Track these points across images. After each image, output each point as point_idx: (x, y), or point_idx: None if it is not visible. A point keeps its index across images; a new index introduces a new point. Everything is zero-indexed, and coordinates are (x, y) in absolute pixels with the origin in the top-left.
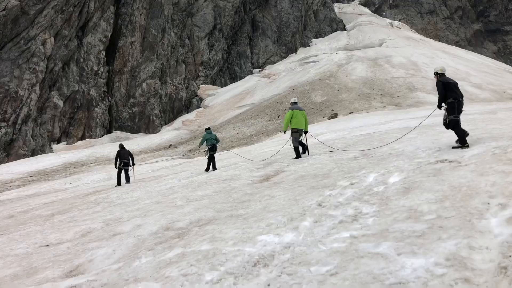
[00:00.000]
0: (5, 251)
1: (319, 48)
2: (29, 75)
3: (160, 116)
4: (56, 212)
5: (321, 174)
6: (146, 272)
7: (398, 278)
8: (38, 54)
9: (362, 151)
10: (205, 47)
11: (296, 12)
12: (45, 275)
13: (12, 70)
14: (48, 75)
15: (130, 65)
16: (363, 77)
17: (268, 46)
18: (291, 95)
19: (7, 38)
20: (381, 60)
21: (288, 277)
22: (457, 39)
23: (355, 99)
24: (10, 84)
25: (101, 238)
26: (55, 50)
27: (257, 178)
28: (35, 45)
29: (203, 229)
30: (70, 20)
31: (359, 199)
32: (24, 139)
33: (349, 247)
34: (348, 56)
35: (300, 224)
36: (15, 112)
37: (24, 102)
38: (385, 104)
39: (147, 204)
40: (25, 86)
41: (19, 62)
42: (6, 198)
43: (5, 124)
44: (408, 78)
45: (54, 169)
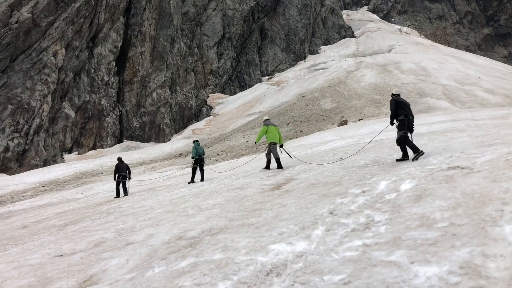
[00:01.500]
0: (19, 261)
1: (328, 55)
2: (41, 86)
3: (170, 125)
4: (69, 222)
5: (332, 182)
6: (160, 282)
7: (412, 287)
8: (50, 65)
9: (341, 162)
10: (214, 56)
11: (305, 20)
12: (60, 286)
13: (24, 82)
14: (59, 86)
15: (140, 75)
16: (373, 83)
17: (277, 54)
18: (300, 102)
19: (19, 50)
20: (391, 66)
21: (301, 286)
22: (467, 44)
23: (365, 106)
24: (22, 95)
25: (114, 248)
26: (66, 61)
27: (268, 186)
28: (46, 56)
29: (215, 238)
30: (81, 32)
31: (371, 207)
32: (36, 149)
33: (362, 255)
34: (357, 62)
35: (312, 233)
36: (28, 123)
37: (36, 113)
38: None
39: (159, 213)
40: (37, 97)
41: (31, 73)
42: (19, 208)
43: (17, 135)
44: (418, 83)
45: (66, 179)
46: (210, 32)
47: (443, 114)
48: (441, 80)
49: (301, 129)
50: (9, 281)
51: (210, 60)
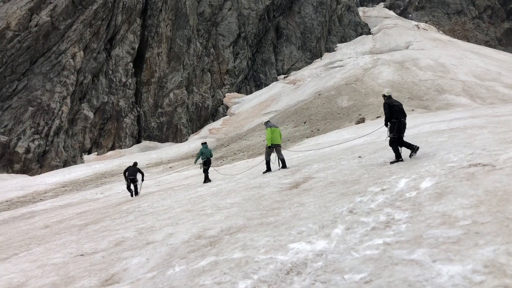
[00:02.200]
0: (43, 260)
1: (344, 53)
2: (60, 88)
3: (187, 125)
4: (90, 221)
5: (350, 180)
6: (180, 280)
7: (435, 286)
8: (69, 67)
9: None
10: (230, 56)
11: (320, 18)
12: (82, 284)
13: (44, 84)
14: (78, 87)
15: (157, 75)
16: (390, 80)
17: (293, 52)
18: (316, 100)
19: (39, 53)
20: (408, 62)
21: (322, 285)
22: (487, 38)
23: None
24: (42, 98)
25: (134, 247)
26: (84, 63)
27: (286, 185)
28: (65, 58)
29: (234, 237)
30: (99, 34)
31: (391, 205)
32: (56, 150)
33: (383, 254)
34: (374, 59)
35: (332, 232)
36: (48, 125)
37: (56, 114)
38: (413, 107)
39: (178, 212)
40: (57, 99)
41: (51, 75)
42: (41, 208)
43: (38, 136)
44: (436, 80)
45: (85, 179)
46: (226, 32)
47: (463, 111)
48: (460, 76)
49: (318, 127)
50: (33, 280)
51: (226, 59)
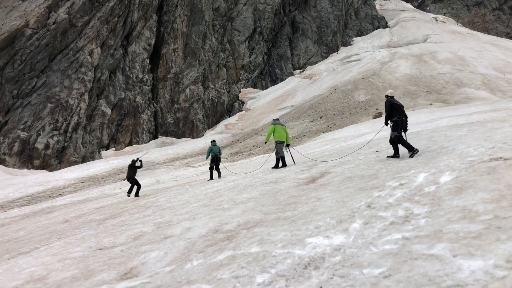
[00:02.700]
0: (63, 254)
1: (361, 47)
2: (78, 85)
3: (203, 120)
4: (108, 216)
5: (368, 175)
6: (198, 274)
7: (456, 281)
8: (86, 64)
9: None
10: (246, 51)
11: (337, 11)
12: (102, 278)
13: (62, 81)
14: (95, 84)
15: (173, 71)
16: (408, 74)
17: (309, 46)
18: (333, 95)
19: (57, 50)
20: (426, 56)
21: (341, 280)
22: (508, 30)
23: (400, 97)
24: (60, 94)
25: (152, 241)
26: (101, 60)
27: (303, 180)
28: (83, 55)
29: (252, 232)
30: (115, 30)
31: (410, 199)
32: (75, 146)
33: (402, 248)
34: (391, 53)
35: (350, 226)
36: (66, 121)
37: (74, 110)
38: (431, 101)
39: (195, 207)
40: (75, 96)
41: (69, 72)
42: (60, 203)
43: (57, 132)
44: (455, 73)
45: (103, 174)
46: (241, 27)
47: (483, 104)
48: (480, 69)
49: (334, 122)
50: (54, 273)
51: (241, 55)
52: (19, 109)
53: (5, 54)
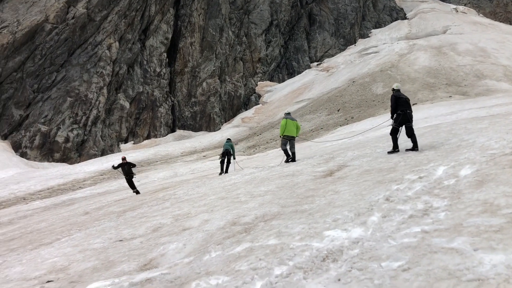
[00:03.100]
0: (83, 245)
1: (379, 39)
2: (97, 79)
3: (220, 114)
4: (127, 208)
5: (386, 168)
6: (217, 266)
7: (477, 275)
8: (105, 58)
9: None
10: (262, 44)
11: (354, 3)
12: (122, 269)
13: (81, 75)
14: (114, 78)
15: (190, 65)
16: (427, 66)
17: (326, 39)
18: (350, 88)
19: (76, 44)
20: (446, 48)
21: (359, 272)
22: None
23: (419, 90)
24: (80, 88)
25: (171, 233)
26: (120, 54)
27: (320, 173)
28: (101, 49)
29: (269, 224)
30: (133, 24)
31: (429, 193)
32: (94, 139)
33: (421, 242)
34: (410, 45)
35: (368, 219)
36: (85, 115)
37: (93, 104)
38: (451, 94)
39: (213, 199)
40: (94, 89)
41: (88, 66)
42: (81, 195)
43: (76, 126)
44: (475, 65)
45: None
46: (258, 20)
47: (504, 96)
48: (502, 60)
49: (352, 115)
50: (75, 264)
51: (258, 48)
52: (39, 103)
53: (25, 49)
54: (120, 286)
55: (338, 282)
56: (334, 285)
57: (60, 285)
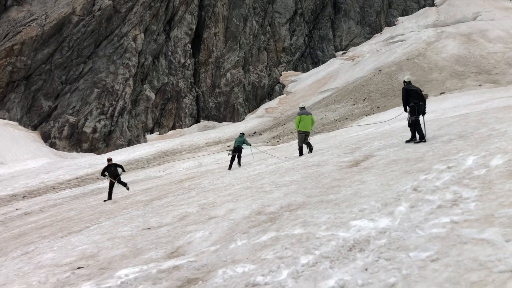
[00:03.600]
0: (112, 233)
1: (405, 27)
2: (123, 70)
3: (244, 104)
4: (154, 197)
5: (414, 158)
6: (243, 254)
7: (509, 266)
8: (130, 49)
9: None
10: (286, 33)
11: None
12: (149, 256)
13: (108, 66)
14: (139, 69)
15: (214, 55)
16: (455, 54)
17: (351, 27)
18: (376, 77)
19: (102, 36)
20: (476, 35)
21: (386, 262)
22: None
23: (447, 78)
24: (106, 79)
25: (197, 221)
26: (145, 45)
27: (346, 163)
28: (127, 41)
29: (294, 214)
30: (158, 16)
31: (458, 183)
32: (121, 130)
33: (450, 232)
34: (437, 33)
35: (395, 209)
36: (112, 105)
37: (120, 95)
38: (481, 82)
39: (238, 189)
40: (120, 81)
41: (114, 58)
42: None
43: (103, 116)
44: (507, 52)
45: (148, 157)
46: (282, 9)
47: None
48: None
49: (377, 104)
50: (104, 251)
51: (282, 37)
52: (67, 94)
53: (53, 41)
54: (149, 273)
55: (365, 271)
56: (361, 274)
57: (90, 271)
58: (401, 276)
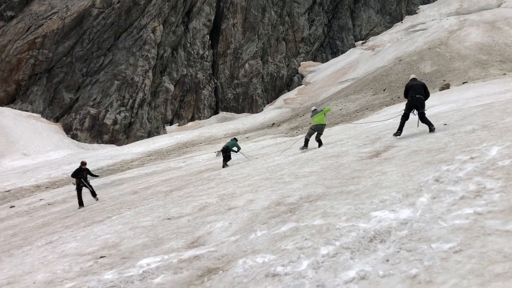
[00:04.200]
0: (133, 223)
1: (427, 15)
2: (142, 62)
3: (262, 95)
4: (174, 188)
5: (436, 149)
6: (263, 244)
7: None
8: (149, 41)
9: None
10: (305, 23)
11: None
12: (170, 246)
13: (127, 58)
14: (159, 61)
15: (233, 47)
16: (479, 42)
17: (371, 16)
18: (397, 67)
19: (122, 28)
20: (500, 22)
21: (408, 253)
22: None
23: (470, 68)
24: (126, 71)
25: (217, 212)
26: (164, 37)
27: (366, 154)
28: (146, 33)
29: (314, 205)
30: (176, 7)
31: (482, 174)
32: (141, 121)
33: (473, 224)
34: (460, 21)
35: (417, 200)
36: (132, 97)
37: (139, 87)
38: (505, 71)
39: (257, 180)
40: (139, 73)
41: (133, 50)
42: (129, 176)
43: (124, 108)
44: None
45: (168, 149)
46: None
47: None
48: None
49: (398, 95)
50: (126, 240)
51: (301, 27)
52: (88, 87)
53: (74, 34)
54: (170, 263)
55: (386, 262)
56: (382, 265)
57: (113, 260)
58: (423, 267)
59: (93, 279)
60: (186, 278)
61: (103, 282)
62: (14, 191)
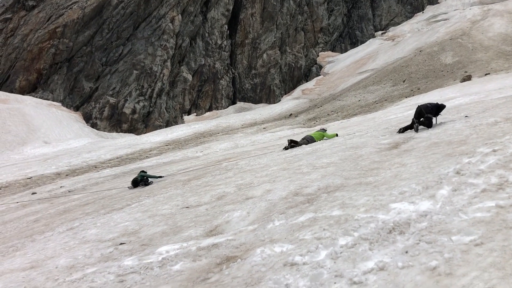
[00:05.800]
0: (152, 211)
1: (449, 5)
2: (161, 52)
3: (280, 86)
4: (192, 177)
5: (456, 141)
6: (281, 234)
7: None
8: (168, 31)
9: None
10: (324, 13)
11: None
12: (189, 234)
13: (146, 48)
14: (177, 51)
15: (251, 36)
16: (503, 33)
17: (392, 6)
18: (417, 57)
19: (141, 18)
20: None
21: (427, 245)
22: None
23: (493, 59)
24: (145, 61)
25: (235, 201)
26: (182, 27)
27: (385, 145)
28: (164, 23)
29: (332, 196)
30: None
31: (504, 166)
32: (159, 111)
33: (495, 217)
34: (484, 11)
35: (437, 193)
36: (151, 87)
37: (158, 77)
38: None
39: (275, 170)
40: (158, 62)
41: (152, 40)
42: (147, 165)
43: (142, 98)
44: None
45: (186, 138)
46: None
47: None
48: None
49: (418, 86)
50: (145, 228)
51: (320, 17)
52: (107, 76)
53: (94, 23)
54: (188, 250)
55: (405, 254)
56: (401, 257)
57: (132, 247)
58: (443, 259)
59: (113, 265)
60: (204, 265)
61: (123, 268)
62: (35, 178)
